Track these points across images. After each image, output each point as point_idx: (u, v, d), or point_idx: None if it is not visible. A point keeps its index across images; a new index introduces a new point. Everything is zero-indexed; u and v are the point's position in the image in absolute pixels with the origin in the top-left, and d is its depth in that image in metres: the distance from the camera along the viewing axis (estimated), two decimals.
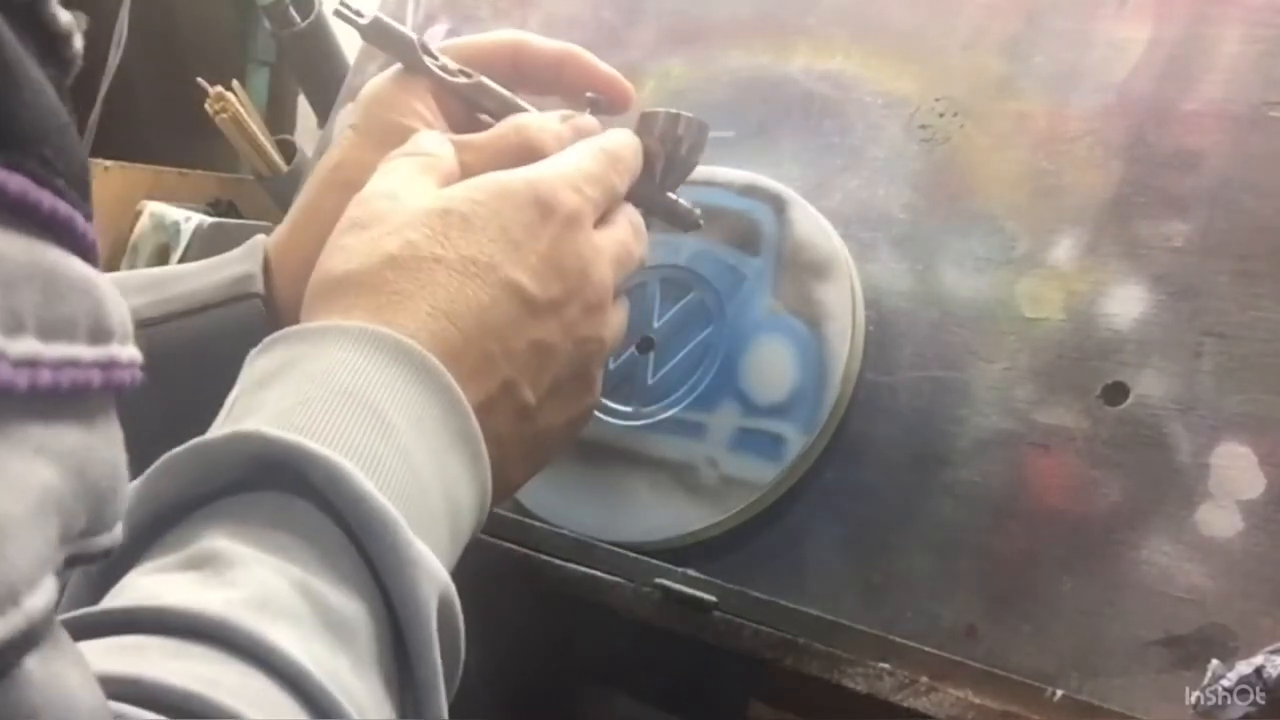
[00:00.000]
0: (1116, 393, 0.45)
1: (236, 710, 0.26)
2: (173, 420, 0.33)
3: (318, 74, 0.98)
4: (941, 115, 0.53)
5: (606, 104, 0.51)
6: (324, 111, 0.94)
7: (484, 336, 0.39)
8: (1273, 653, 0.38)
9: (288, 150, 1.03)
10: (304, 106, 1.13)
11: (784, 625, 0.45)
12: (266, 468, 0.32)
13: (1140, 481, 0.43)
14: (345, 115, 0.49)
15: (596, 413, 0.54)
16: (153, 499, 0.32)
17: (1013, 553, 0.44)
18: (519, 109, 0.49)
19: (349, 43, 0.94)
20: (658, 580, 0.48)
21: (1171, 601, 0.41)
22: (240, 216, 1.09)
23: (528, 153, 0.45)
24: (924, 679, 0.42)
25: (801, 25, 0.58)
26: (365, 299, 0.38)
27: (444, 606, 0.33)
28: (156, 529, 0.32)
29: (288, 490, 0.32)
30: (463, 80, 0.48)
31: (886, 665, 0.43)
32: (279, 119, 1.17)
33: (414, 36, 0.48)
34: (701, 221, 0.51)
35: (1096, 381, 0.45)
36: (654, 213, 0.50)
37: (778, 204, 0.54)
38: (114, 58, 0.93)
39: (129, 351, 0.21)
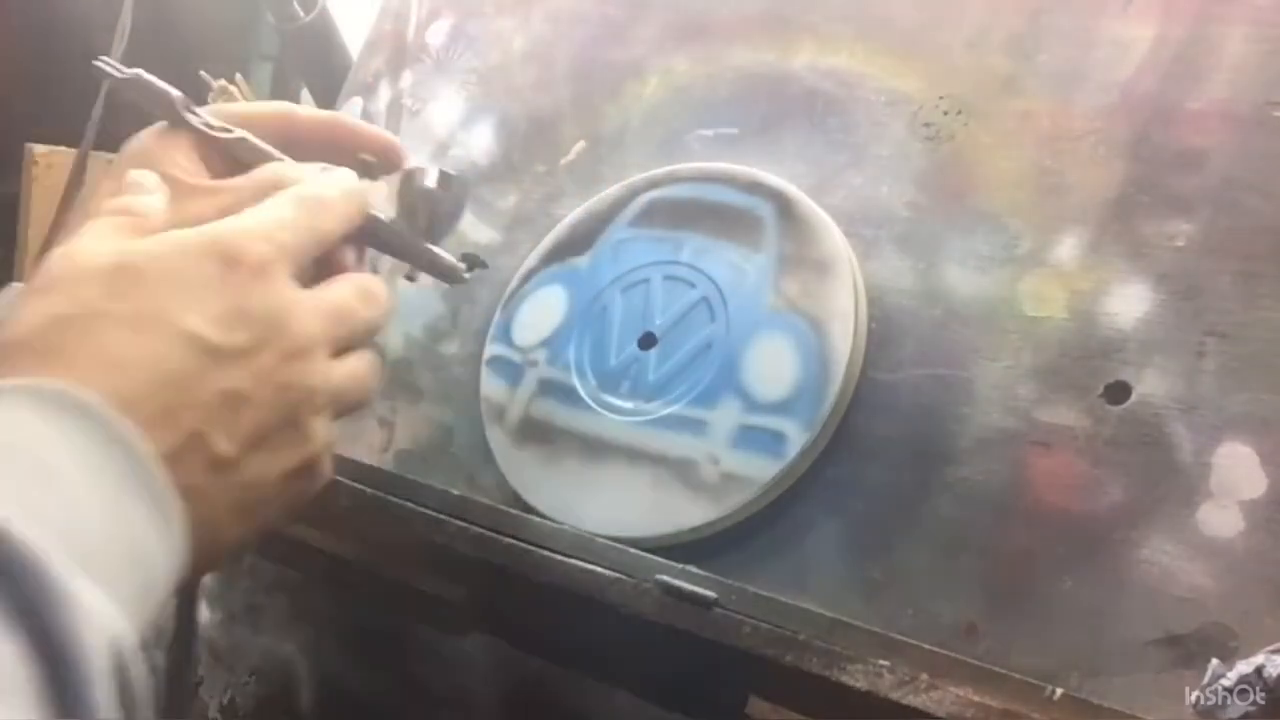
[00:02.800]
0: (1119, 392, 0.45)
1: None
2: None
3: (321, 68, 0.98)
4: (945, 113, 0.53)
5: (378, 166, 0.50)
6: (327, 105, 0.94)
7: (161, 388, 0.38)
8: (1273, 652, 0.38)
9: None
10: (307, 100, 1.13)
11: (784, 622, 0.45)
12: None
13: (1142, 480, 0.43)
14: (106, 173, 0.49)
15: (598, 409, 0.54)
16: None
17: (1014, 551, 0.44)
18: (277, 159, 0.48)
19: (352, 37, 0.94)
20: (658, 576, 0.48)
21: (1172, 601, 0.41)
22: None
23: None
24: (924, 677, 0.42)
25: (806, 22, 0.58)
26: (33, 360, 0.37)
27: (116, 655, 0.32)
28: None
29: None
30: (225, 135, 0.47)
31: (886, 663, 0.43)
32: None
33: (175, 93, 0.47)
34: (466, 276, 0.51)
35: (1099, 380, 0.45)
36: (417, 265, 0.50)
37: (781, 201, 0.54)
38: (118, 51, 0.93)
39: None
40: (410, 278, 0.50)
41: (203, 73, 0.98)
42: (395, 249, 0.48)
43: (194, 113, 0.47)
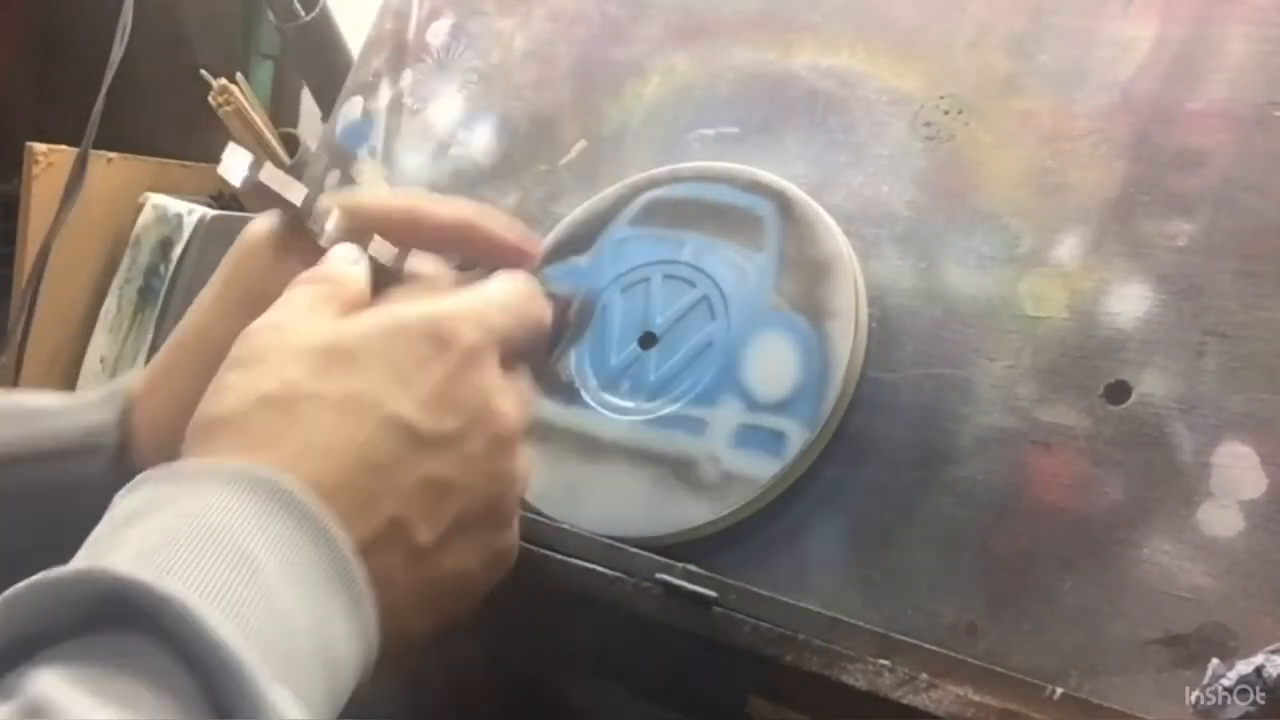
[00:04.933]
0: (1119, 391, 0.45)
1: None
2: (24, 559, 0.31)
3: (322, 67, 0.98)
4: (946, 113, 0.53)
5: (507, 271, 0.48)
6: (327, 105, 0.94)
7: (364, 474, 0.37)
8: (1273, 652, 0.38)
9: (291, 144, 1.03)
10: (307, 100, 1.13)
11: (784, 621, 0.45)
12: (115, 607, 0.30)
13: (1142, 480, 0.43)
14: (221, 265, 0.47)
15: (599, 408, 0.54)
16: None
17: (1014, 551, 0.44)
18: (406, 280, 0.47)
19: (353, 36, 0.94)
20: (658, 575, 0.48)
21: (1172, 600, 0.41)
22: (243, 210, 1.09)
23: None
24: (924, 676, 0.42)
25: (807, 22, 0.58)
26: (236, 439, 0.37)
27: None
28: None
29: (137, 631, 0.30)
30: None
31: (886, 662, 0.43)
32: (282, 112, 1.17)
33: (298, 197, 0.45)
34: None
35: (1099, 380, 0.45)
36: (538, 379, 0.48)
37: (781, 200, 0.54)
38: (118, 50, 0.93)
39: None
40: None
41: (203, 72, 0.99)
42: (532, 361, 0.46)
43: (317, 220, 0.45)
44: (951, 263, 0.50)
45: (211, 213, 0.98)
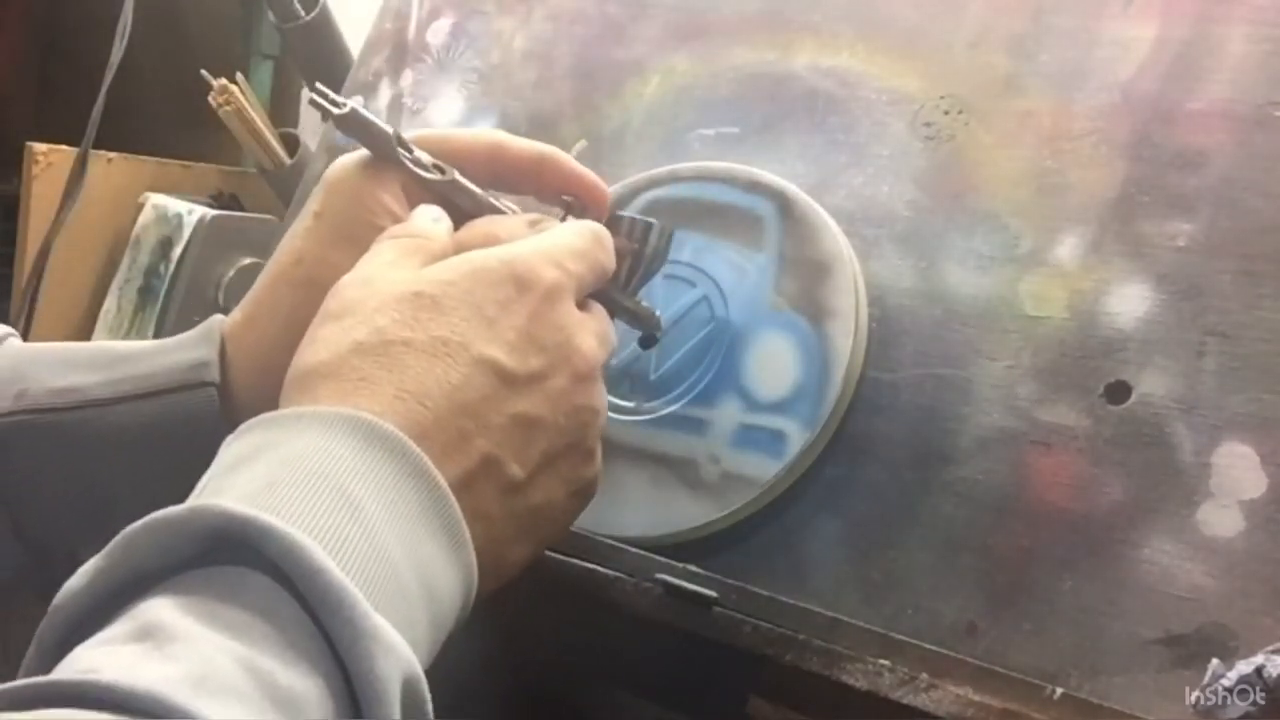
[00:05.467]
0: (1119, 391, 0.45)
1: None
2: (123, 502, 0.33)
3: (322, 67, 0.98)
4: (946, 113, 0.53)
5: (581, 208, 0.50)
6: None
7: (457, 414, 0.39)
8: (1273, 652, 0.38)
9: (291, 143, 1.03)
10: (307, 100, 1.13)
11: (784, 621, 0.45)
12: (225, 542, 0.32)
13: (1142, 480, 0.43)
14: (310, 199, 0.48)
15: None
16: (110, 572, 0.32)
17: (1013, 551, 0.44)
18: (493, 209, 0.48)
19: (353, 36, 0.94)
20: (659, 575, 0.48)
21: (1172, 600, 0.41)
22: (243, 209, 1.09)
23: None
24: (924, 676, 0.42)
25: (807, 22, 0.58)
26: (333, 386, 0.38)
27: (409, 687, 0.32)
28: (115, 603, 0.31)
29: (245, 565, 0.32)
30: (437, 177, 0.47)
31: (886, 662, 0.43)
32: (282, 112, 1.17)
33: (390, 129, 0.47)
34: (663, 326, 0.51)
35: (1099, 380, 0.45)
36: (616, 314, 0.49)
37: (781, 200, 0.54)
38: (118, 50, 0.93)
39: None
40: None
41: (203, 72, 0.98)
42: (600, 295, 0.47)
43: (407, 148, 0.47)
44: (951, 263, 0.50)
45: (211, 213, 0.98)
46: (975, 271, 0.49)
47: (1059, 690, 0.40)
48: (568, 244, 0.44)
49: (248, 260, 0.98)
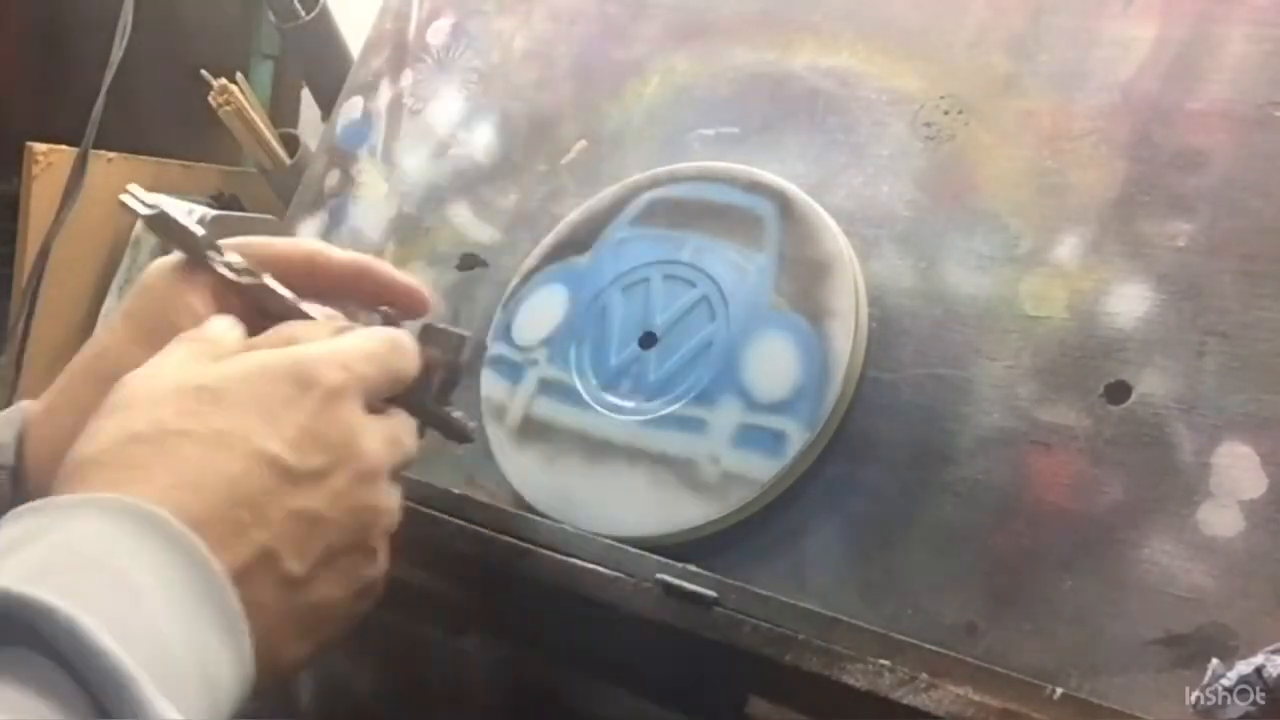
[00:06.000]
0: (1119, 391, 0.45)
1: None
2: None
3: (321, 67, 0.98)
4: (946, 113, 0.53)
5: (398, 316, 0.50)
6: (327, 105, 0.94)
7: (234, 505, 0.39)
8: (1273, 652, 0.38)
9: (291, 144, 1.03)
10: (307, 100, 1.13)
11: (784, 621, 0.45)
12: (2, 622, 0.31)
13: (1142, 480, 0.43)
14: (126, 296, 0.49)
15: (599, 408, 0.54)
16: None
17: (1014, 551, 0.44)
18: (301, 315, 0.48)
19: (353, 36, 0.94)
20: (658, 575, 0.48)
21: (1172, 600, 0.41)
22: (243, 210, 1.09)
23: None
24: (924, 676, 0.42)
25: (807, 22, 0.58)
26: (106, 475, 0.38)
27: None
28: None
29: (23, 645, 0.31)
30: (246, 280, 0.48)
31: (886, 662, 0.43)
32: (282, 112, 1.17)
33: (200, 232, 0.47)
34: (474, 436, 0.50)
35: (1099, 380, 0.45)
36: (428, 423, 0.49)
37: (781, 200, 0.54)
38: (118, 50, 0.93)
39: None
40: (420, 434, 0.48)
41: (203, 72, 0.98)
42: (410, 406, 0.47)
43: (218, 251, 0.47)
44: (951, 263, 0.50)
45: (212, 213, 0.98)
46: (975, 271, 0.49)
47: (1059, 690, 0.40)
48: (359, 347, 0.44)
49: None
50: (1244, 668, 0.38)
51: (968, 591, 0.45)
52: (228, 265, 0.47)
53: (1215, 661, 0.39)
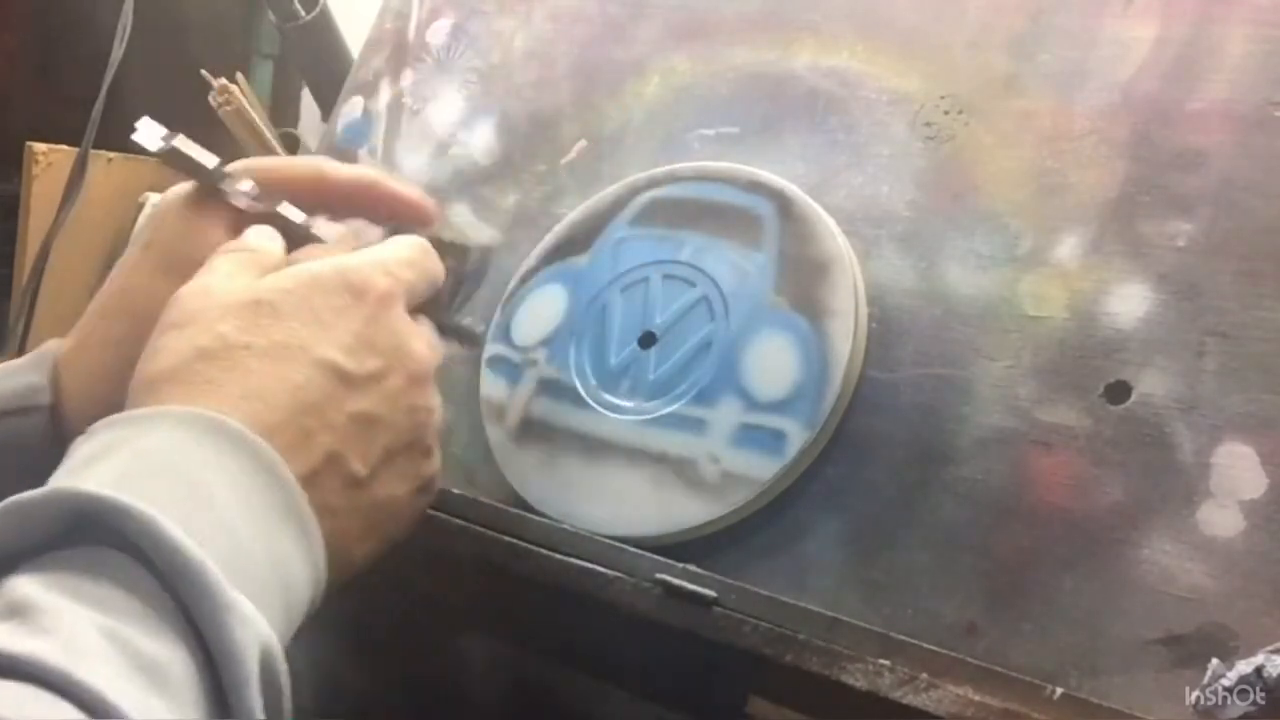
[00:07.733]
0: (1119, 391, 0.45)
1: None
2: None
3: (321, 67, 0.98)
4: (946, 113, 0.53)
5: (405, 229, 0.51)
6: (328, 105, 0.94)
7: (300, 413, 0.40)
8: (1273, 652, 0.38)
9: (291, 143, 1.03)
10: (307, 100, 1.12)
11: (784, 621, 0.45)
12: (84, 523, 0.33)
13: (1142, 480, 0.43)
14: (141, 230, 0.50)
15: (598, 408, 0.54)
16: None
17: (1014, 550, 0.44)
18: (314, 239, 0.49)
19: (353, 36, 0.94)
20: (658, 575, 0.48)
21: (1172, 600, 0.41)
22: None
23: None
24: (924, 676, 0.42)
25: (807, 22, 0.58)
26: (179, 390, 0.40)
27: (266, 660, 0.34)
28: None
29: (104, 545, 0.33)
30: (260, 208, 0.48)
31: (886, 662, 0.43)
32: (282, 112, 1.17)
33: (214, 161, 0.48)
34: (483, 341, 0.52)
35: (1099, 380, 0.45)
36: (442, 332, 0.50)
37: (781, 200, 0.54)
38: (118, 49, 0.93)
39: None
40: None
41: (203, 72, 0.98)
42: (426, 312, 0.48)
43: (231, 179, 0.48)
44: (951, 263, 0.50)
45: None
46: (975, 271, 0.49)
47: (1059, 690, 0.40)
48: (398, 255, 0.46)
49: None
50: (1244, 668, 0.38)
51: (967, 591, 0.45)
52: (241, 193, 0.48)
53: (1215, 661, 0.39)
